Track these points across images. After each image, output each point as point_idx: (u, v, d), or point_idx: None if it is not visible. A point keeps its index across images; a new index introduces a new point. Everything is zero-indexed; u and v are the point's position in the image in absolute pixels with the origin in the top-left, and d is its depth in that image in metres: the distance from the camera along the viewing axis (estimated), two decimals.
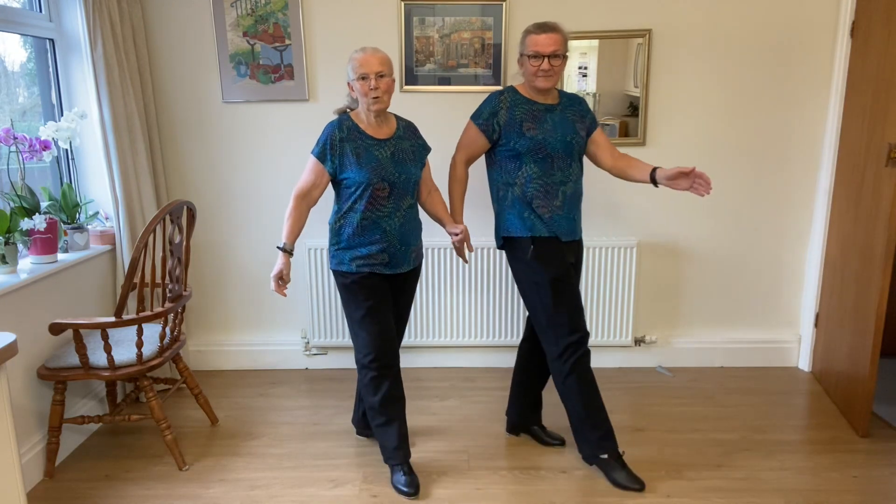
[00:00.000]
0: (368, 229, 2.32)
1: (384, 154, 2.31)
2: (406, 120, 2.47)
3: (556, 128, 2.37)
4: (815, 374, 3.39)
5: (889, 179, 2.59)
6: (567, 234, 2.43)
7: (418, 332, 3.45)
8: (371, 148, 2.29)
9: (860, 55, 2.95)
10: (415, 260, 2.46)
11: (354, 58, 2.25)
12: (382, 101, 2.26)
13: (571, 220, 2.44)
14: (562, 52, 2.30)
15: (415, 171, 2.37)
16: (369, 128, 2.33)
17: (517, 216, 2.41)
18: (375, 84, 2.22)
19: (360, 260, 2.33)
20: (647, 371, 3.49)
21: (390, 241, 2.34)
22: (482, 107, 2.41)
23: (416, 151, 2.40)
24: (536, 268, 2.38)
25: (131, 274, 2.37)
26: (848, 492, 2.41)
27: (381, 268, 2.35)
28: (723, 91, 3.23)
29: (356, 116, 2.34)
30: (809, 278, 3.40)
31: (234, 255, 3.46)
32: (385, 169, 2.29)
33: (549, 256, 2.38)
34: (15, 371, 2.44)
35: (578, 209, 2.48)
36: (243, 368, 3.57)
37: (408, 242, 2.40)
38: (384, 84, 2.24)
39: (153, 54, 3.22)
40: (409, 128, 2.44)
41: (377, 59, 2.23)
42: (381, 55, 2.25)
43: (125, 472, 2.59)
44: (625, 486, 2.41)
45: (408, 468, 2.46)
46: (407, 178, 2.34)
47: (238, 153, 3.33)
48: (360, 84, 2.24)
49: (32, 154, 2.60)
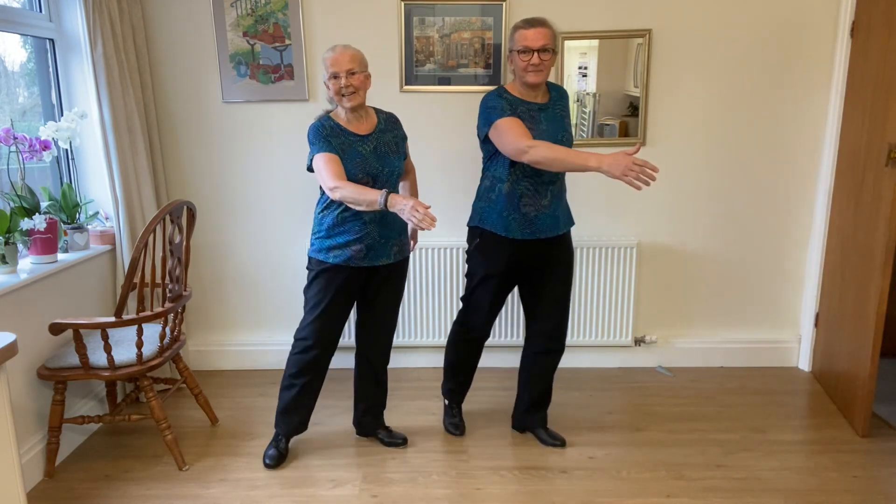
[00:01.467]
0: (349, 220, 2.36)
1: (367, 149, 2.34)
2: (386, 112, 2.50)
3: (549, 127, 2.40)
4: (815, 374, 3.39)
5: (889, 179, 2.59)
6: (550, 231, 2.47)
7: (417, 332, 3.45)
8: (354, 144, 2.33)
9: (860, 55, 2.95)
10: (397, 254, 2.48)
11: (325, 58, 2.29)
12: (357, 96, 2.28)
13: (555, 218, 2.48)
14: (551, 47, 2.31)
15: (397, 164, 2.42)
16: (349, 125, 2.35)
17: (497, 213, 2.45)
18: (346, 82, 2.25)
19: (338, 250, 2.38)
20: (647, 371, 3.48)
21: (369, 232, 2.38)
22: (495, 104, 2.36)
23: (398, 143, 2.44)
24: (478, 259, 2.54)
25: (131, 274, 2.37)
26: (848, 492, 2.41)
27: (359, 260, 2.39)
28: (723, 91, 3.23)
29: (336, 116, 2.38)
30: (809, 278, 3.40)
31: (234, 255, 3.46)
32: (368, 164, 2.32)
33: (492, 253, 2.50)
34: (15, 371, 2.44)
35: (562, 205, 2.52)
36: (243, 368, 3.57)
37: (387, 235, 2.43)
38: (356, 80, 2.27)
39: (153, 54, 3.22)
40: (389, 119, 2.47)
41: (347, 57, 2.25)
42: (352, 52, 2.27)
43: (125, 472, 2.59)
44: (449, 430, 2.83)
45: (285, 444, 2.64)
46: (390, 171, 2.38)
47: (238, 153, 3.33)
48: (333, 83, 2.27)
49: (32, 154, 2.60)
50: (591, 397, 3.17)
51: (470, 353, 2.74)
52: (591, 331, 3.41)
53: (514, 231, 2.44)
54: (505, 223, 2.44)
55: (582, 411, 3.04)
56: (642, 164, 2.00)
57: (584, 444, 2.74)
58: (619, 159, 2.02)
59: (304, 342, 2.49)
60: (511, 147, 2.25)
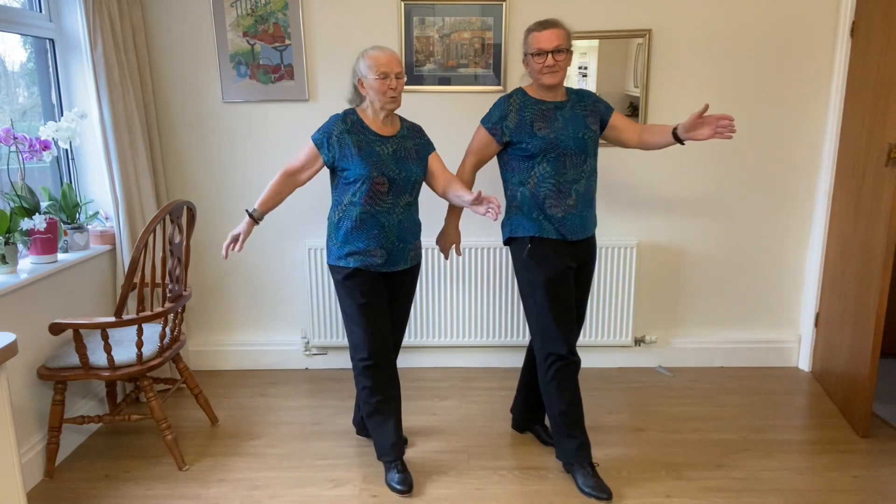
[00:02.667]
0: (367, 223, 2.32)
1: (386, 150, 2.32)
2: (410, 121, 2.48)
3: (568, 125, 2.35)
4: (815, 374, 3.39)
5: (889, 179, 2.59)
6: (578, 233, 2.40)
7: (418, 332, 3.45)
8: (373, 143, 2.31)
9: (860, 55, 2.95)
10: (412, 259, 2.46)
11: (372, 55, 2.26)
12: (398, 100, 2.30)
13: (583, 218, 2.41)
14: (565, 47, 2.30)
15: (416, 170, 2.38)
16: (374, 124, 2.34)
17: (525, 216, 2.39)
18: (396, 84, 2.25)
19: (358, 255, 2.34)
20: (647, 371, 3.49)
21: (388, 237, 2.35)
22: (492, 110, 2.40)
23: (419, 150, 2.41)
24: (532, 267, 2.38)
25: (131, 274, 2.37)
26: (848, 492, 2.41)
27: (378, 266, 2.36)
28: (723, 91, 3.23)
29: (362, 112, 2.35)
30: (809, 278, 3.40)
31: (234, 255, 3.46)
32: (385, 164, 2.30)
33: (545, 257, 2.37)
34: (15, 371, 2.44)
35: (591, 206, 2.45)
36: (243, 368, 3.57)
37: (405, 240, 2.40)
38: (401, 85, 2.28)
39: (153, 54, 3.22)
40: (413, 128, 2.46)
41: (397, 60, 2.28)
42: (398, 56, 2.30)
43: (125, 472, 2.59)
44: (592, 494, 2.38)
45: (401, 466, 2.46)
46: (407, 176, 2.34)
47: (238, 153, 3.33)
48: (379, 83, 2.25)
49: (32, 154, 2.60)
50: (591, 397, 3.18)
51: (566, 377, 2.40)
52: (591, 331, 3.40)
53: (549, 231, 2.36)
54: (537, 225, 2.37)
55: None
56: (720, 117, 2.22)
57: None
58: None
59: (364, 362, 2.39)
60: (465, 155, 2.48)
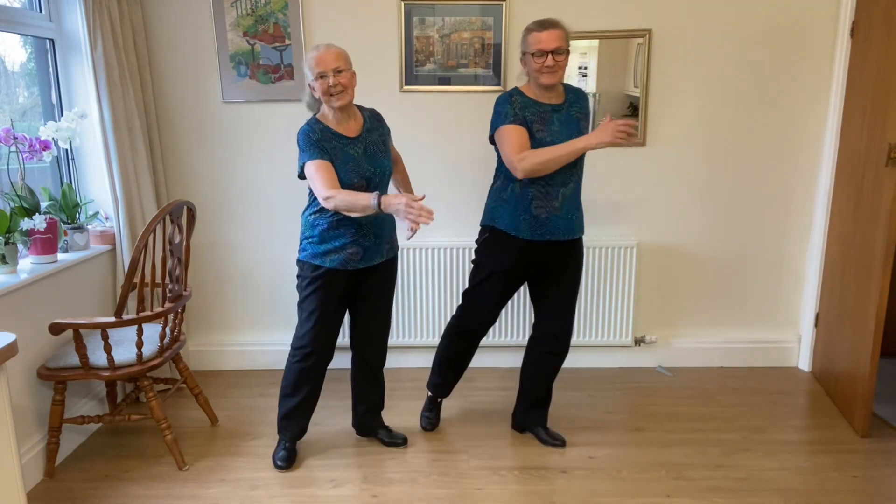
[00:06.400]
0: (344, 224, 2.34)
1: (358, 152, 2.32)
2: (368, 108, 2.47)
3: (562, 129, 2.38)
4: (815, 374, 3.39)
5: (889, 179, 2.59)
6: (563, 234, 2.46)
7: (416, 332, 3.45)
8: (346, 147, 2.31)
9: (860, 55, 2.95)
10: (388, 252, 2.49)
11: (309, 57, 2.24)
12: (346, 95, 2.25)
13: (569, 220, 2.46)
14: (565, 48, 2.31)
15: (387, 164, 2.41)
16: (339, 126, 2.32)
17: (508, 213, 2.44)
18: (335, 81, 2.21)
19: (334, 254, 2.36)
20: (647, 371, 3.48)
21: (366, 234, 2.37)
22: (501, 109, 2.39)
23: (384, 141, 2.43)
24: (485, 254, 2.54)
25: (131, 274, 2.37)
26: (848, 492, 2.41)
27: (356, 263, 2.38)
28: (723, 91, 3.23)
29: (324, 118, 2.33)
30: (809, 278, 3.40)
31: (234, 255, 3.46)
32: (361, 166, 2.31)
33: (500, 250, 2.49)
34: (15, 371, 2.44)
35: (578, 207, 2.50)
36: (243, 368, 3.57)
37: (380, 235, 2.43)
38: (344, 79, 2.23)
39: (153, 54, 3.22)
40: (373, 117, 2.45)
41: (332, 55, 2.22)
42: (336, 50, 2.24)
43: (125, 472, 2.59)
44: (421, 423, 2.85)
45: (291, 445, 2.63)
46: (381, 172, 2.38)
47: (238, 153, 3.33)
48: (320, 83, 2.23)
49: (32, 154, 2.60)
50: (591, 397, 3.18)
51: (463, 349, 2.70)
52: (591, 331, 3.41)
53: (525, 232, 2.43)
54: (516, 224, 2.43)
55: (582, 411, 3.04)
56: (624, 123, 2.23)
57: (584, 444, 2.75)
58: (604, 128, 2.25)
59: (304, 350, 2.47)
60: (506, 160, 2.37)
